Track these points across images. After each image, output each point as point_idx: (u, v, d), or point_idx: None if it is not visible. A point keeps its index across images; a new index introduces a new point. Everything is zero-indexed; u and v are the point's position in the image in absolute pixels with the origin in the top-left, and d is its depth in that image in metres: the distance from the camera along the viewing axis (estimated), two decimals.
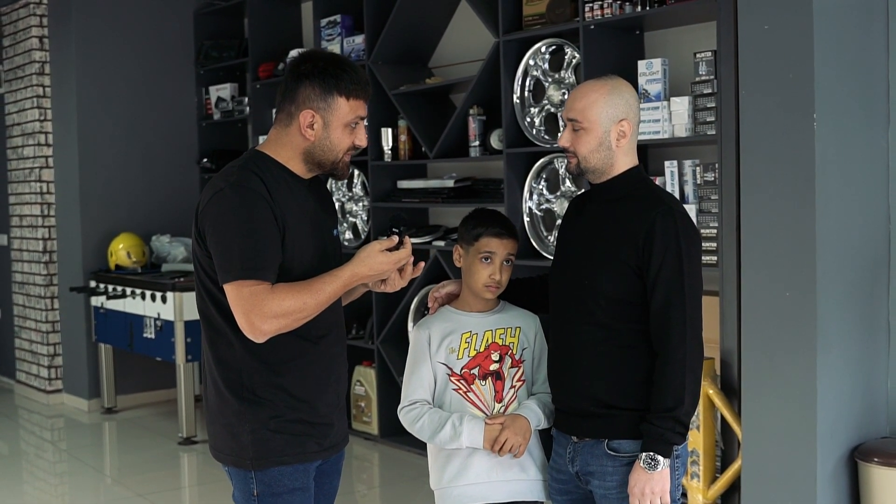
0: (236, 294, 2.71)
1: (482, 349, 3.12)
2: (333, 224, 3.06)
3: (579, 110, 2.92)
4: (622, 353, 2.90)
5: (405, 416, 3.15)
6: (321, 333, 2.90)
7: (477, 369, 3.10)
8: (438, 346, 3.13)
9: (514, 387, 3.12)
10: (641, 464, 2.80)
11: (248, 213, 2.72)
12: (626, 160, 2.96)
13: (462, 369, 3.10)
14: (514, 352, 3.14)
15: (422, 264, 3.01)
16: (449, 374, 3.11)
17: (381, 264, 2.82)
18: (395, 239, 2.85)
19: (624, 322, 2.88)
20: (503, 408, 3.10)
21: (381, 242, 2.84)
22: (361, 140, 2.91)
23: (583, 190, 5.29)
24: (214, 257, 2.76)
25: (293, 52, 7.13)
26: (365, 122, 2.94)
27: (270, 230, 2.73)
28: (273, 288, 2.71)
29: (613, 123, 2.91)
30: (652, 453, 2.79)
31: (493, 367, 3.11)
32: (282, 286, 2.72)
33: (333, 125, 2.84)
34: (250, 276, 2.69)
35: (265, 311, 2.68)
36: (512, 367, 3.13)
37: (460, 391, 3.10)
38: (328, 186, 7.13)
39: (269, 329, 2.71)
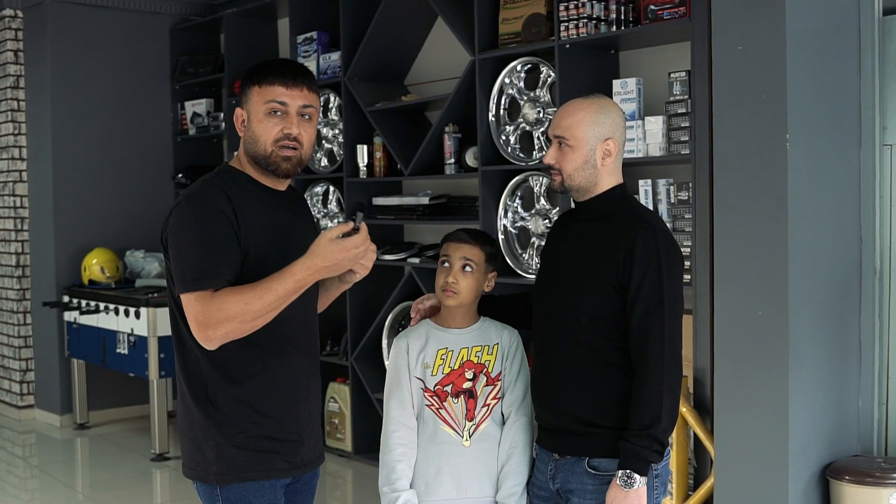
0: (187, 305, 2.70)
1: (456, 367, 3.11)
2: (311, 236, 2.97)
3: (566, 127, 2.92)
4: (604, 371, 2.89)
5: (385, 442, 3.14)
6: (287, 348, 2.86)
7: (450, 387, 3.10)
8: (416, 359, 3.13)
9: (488, 405, 3.11)
10: (618, 481, 2.80)
11: (201, 224, 2.71)
12: (610, 179, 2.97)
13: (435, 386, 3.10)
14: (490, 370, 3.12)
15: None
16: (423, 389, 3.11)
17: (334, 252, 2.69)
18: (351, 224, 2.74)
19: (606, 340, 2.88)
20: (474, 426, 3.09)
21: (332, 230, 2.72)
22: (289, 127, 2.78)
23: (557, 208, 5.32)
24: (172, 269, 2.76)
25: None
26: (307, 116, 2.80)
27: (223, 240, 2.70)
28: (217, 293, 2.66)
29: (599, 142, 2.92)
30: (628, 471, 2.78)
31: (466, 385, 3.10)
32: (225, 290, 2.66)
33: (253, 115, 2.80)
34: (197, 286, 2.67)
35: (209, 317, 2.64)
36: (487, 385, 3.12)
37: (433, 407, 3.10)
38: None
39: (215, 335, 2.66)
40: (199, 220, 2.72)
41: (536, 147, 5.52)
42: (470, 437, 3.09)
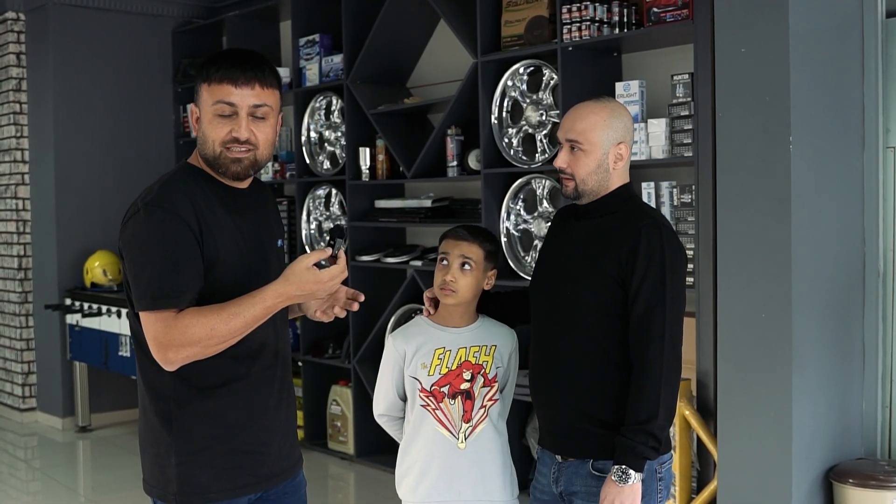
0: (146, 323, 2.54)
1: (454, 367, 3.07)
2: (278, 234, 2.88)
3: (580, 132, 2.90)
4: (607, 367, 2.88)
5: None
6: (256, 354, 2.69)
7: (447, 388, 3.06)
8: (411, 359, 3.09)
9: (485, 406, 3.09)
10: (613, 476, 2.78)
11: (158, 237, 2.53)
12: (618, 181, 2.96)
13: (432, 386, 3.07)
14: (487, 371, 3.09)
15: (360, 298, 2.80)
16: (419, 389, 3.08)
17: (309, 283, 2.53)
18: (329, 251, 2.57)
19: (608, 335, 2.87)
20: (471, 428, 3.07)
21: (308, 257, 2.54)
22: (238, 131, 2.60)
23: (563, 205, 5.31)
24: (130, 283, 2.59)
25: None
26: (261, 115, 2.62)
27: (183, 252, 2.53)
28: (180, 315, 2.50)
29: (612, 146, 2.91)
30: (624, 466, 2.76)
31: (464, 385, 3.07)
32: (190, 312, 2.51)
33: (203, 116, 2.66)
34: (158, 305, 2.50)
35: (170, 339, 2.49)
36: (484, 386, 3.09)
37: (429, 408, 3.07)
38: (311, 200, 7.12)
39: (176, 358, 2.51)
40: (160, 231, 2.53)
41: (539, 149, 5.52)
42: (465, 439, 3.07)
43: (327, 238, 2.63)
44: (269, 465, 2.75)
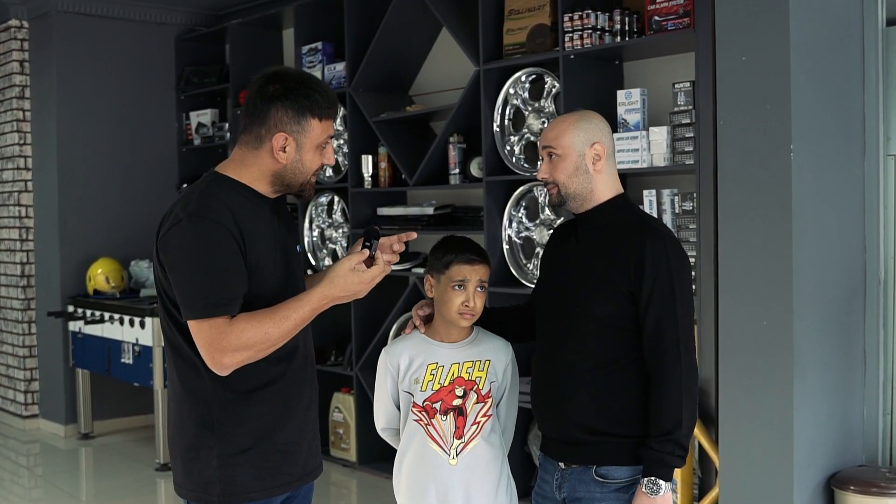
0: (198, 330, 2.64)
1: (446, 383, 3.06)
2: (296, 240, 2.98)
3: (552, 138, 2.98)
4: (611, 379, 2.89)
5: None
6: (286, 354, 2.79)
7: (439, 404, 3.05)
8: (405, 374, 3.08)
9: (478, 423, 3.06)
10: (643, 489, 2.79)
11: (206, 246, 2.64)
12: (607, 187, 2.97)
13: (424, 402, 3.05)
14: (481, 387, 3.07)
15: (412, 235, 2.95)
16: (411, 404, 3.07)
17: (353, 284, 2.70)
18: (367, 252, 2.72)
19: (614, 348, 2.88)
20: (462, 444, 3.05)
21: (350, 259, 2.71)
22: (329, 159, 2.83)
23: (562, 219, 5.32)
24: (176, 293, 2.68)
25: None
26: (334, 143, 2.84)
27: (231, 260, 2.65)
28: (234, 320, 2.62)
29: (587, 147, 2.93)
30: (653, 478, 2.78)
31: (456, 402, 3.05)
32: (243, 317, 2.63)
33: (306, 147, 2.76)
34: (211, 313, 2.61)
35: (226, 344, 2.60)
36: (477, 402, 3.07)
37: (421, 423, 3.06)
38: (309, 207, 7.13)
39: (230, 363, 2.63)
40: (204, 241, 2.64)
41: (541, 157, 5.52)
42: (457, 455, 3.05)
43: (363, 241, 2.74)
44: (301, 464, 2.89)
